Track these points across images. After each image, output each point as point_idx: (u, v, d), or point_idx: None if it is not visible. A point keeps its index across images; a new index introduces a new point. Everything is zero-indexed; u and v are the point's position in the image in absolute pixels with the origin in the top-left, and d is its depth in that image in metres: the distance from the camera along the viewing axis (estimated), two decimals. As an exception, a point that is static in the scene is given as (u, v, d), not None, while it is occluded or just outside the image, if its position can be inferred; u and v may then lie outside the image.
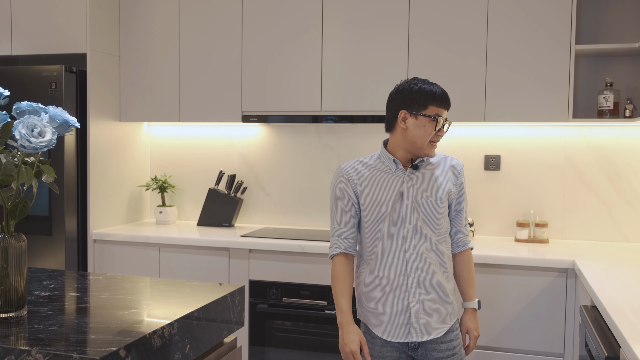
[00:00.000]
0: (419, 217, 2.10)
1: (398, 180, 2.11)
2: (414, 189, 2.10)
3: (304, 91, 3.38)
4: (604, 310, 1.98)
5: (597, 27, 3.24)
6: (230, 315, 2.04)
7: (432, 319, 2.09)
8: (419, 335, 2.08)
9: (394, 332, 2.09)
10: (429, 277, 2.09)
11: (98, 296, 1.90)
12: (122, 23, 3.67)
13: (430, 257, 2.10)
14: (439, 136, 2.09)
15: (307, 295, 3.16)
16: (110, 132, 3.62)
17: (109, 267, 3.47)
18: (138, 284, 2.09)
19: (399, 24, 3.22)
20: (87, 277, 2.17)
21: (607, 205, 3.29)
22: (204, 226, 3.74)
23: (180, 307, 1.79)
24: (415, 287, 2.07)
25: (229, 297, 2.03)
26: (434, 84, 2.08)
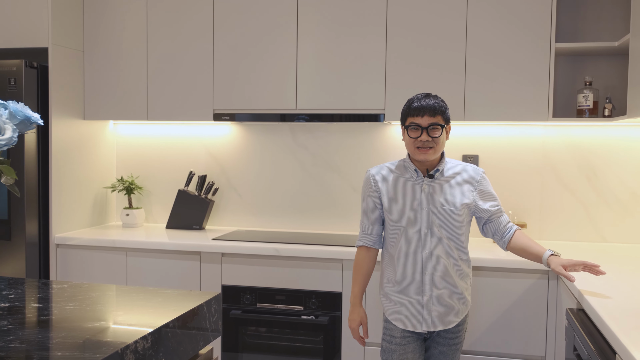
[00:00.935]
0: (435, 222, 2.31)
1: (417, 187, 2.33)
2: (431, 197, 2.31)
3: (278, 89, 3.27)
4: (595, 314, 1.92)
5: (575, 26, 3.21)
6: (206, 324, 1.93)
7: (444, 312, 2.32)
8: (432, 325, 2.33)
9: (405, 321, 2.35)
10: (442, 275, 2.31)
11: (63, 307, 1.75)
12: (87, 17, 3.50)
13: (444, 257, 2.31)
14: (421, 141, 2.26)
15: (283, 300, 3.05)
16: (73, 130, 3.45)
17: (73, 273, 3.30)
18: (106, 292, 1.95)
19: (376, 22, 3.14)
20: (50, 285, 2.02)
21: (585, 205, 3.27)
22: (173, 229, 3.60)
23: (154, 318, 1.66)
24: (429, 284, 2.31)
25: (205, 306, 1.91)
26: (424, 98, 2.27)
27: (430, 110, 2.24)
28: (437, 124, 2.24)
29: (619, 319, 1.82)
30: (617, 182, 3.22)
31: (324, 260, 3.00)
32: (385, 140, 3.49)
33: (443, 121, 2.26)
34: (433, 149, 2.26)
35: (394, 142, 3.47)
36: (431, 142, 2.25)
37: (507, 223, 2.40)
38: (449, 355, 2.39)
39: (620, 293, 2.19)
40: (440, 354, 2.39)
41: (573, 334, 2.13)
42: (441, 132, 2.25)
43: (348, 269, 2.97)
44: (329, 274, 2.99)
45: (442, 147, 2.29)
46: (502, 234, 2.39)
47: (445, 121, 2.28)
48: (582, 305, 2.15)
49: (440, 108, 2.25)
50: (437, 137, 2.25)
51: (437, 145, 2.26)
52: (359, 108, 3.18)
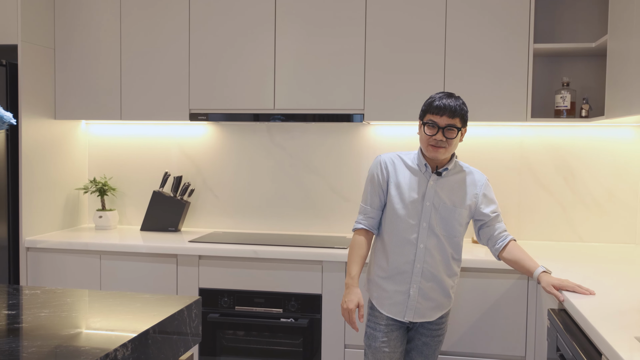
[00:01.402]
0: (435, 218, 2.35)
1: (424, 182, 2.37)
2: (435, 193, 2.35)
3: (255, 89, 3.22)
4: (580, 315, 1.92)
5: (551, 27, 3.23)
6: (187, 329, 1.87)
7: (428, 305, 2.38)
8: (414, 316, 2.38)
9: (390, 308, 2.39)
10: (432, 269, 2.36)
11: (37, 314, 1.68)
12: (58, 13, 3.40)
13: (437, 253, 2.36)
14: (435, 139, 2.29)
15: (262, 303, 3.00)
16: (44, 130, 3.34)
17: (44, 277, 3.20)
18: (82, 298, 1.89)
19: (355, 22, 3.11)
20: (22, 291, 1.94)
21: (563, 205, 3.29)
22: (148, 231, 3.52)
23: (133, 324, 1.61)
24: (418, 276, 2.36)
25: (185, 311, 1.85)
26: (446, 98, 2.29)
27: (450, 112, 2.27)
28: (454, 126, 2.28)
29: (602, 320, 1.82)
30: (594, 182, 3.25)
31: (304, 262, 2.96)
32: (365, 140, 3.46)
33: (461, 124, 2.30)
34: (445, 149, 2.30)
35: (373, 143, 3.45)
36: (444, 142, 2.29)
37: (503, 231, 2.41)
38: (432, 346, 2.46)
39: (599, 293, 2.19)
40: (424, 345, 2.45)
41: (556, 335, 2.13)
42: (456, 134, 2.29)
43: (328, 271, 2.93)
44: (309, 276, 2.95)
45: (454, 148, 2.33)
46: (496, 241, 2.41)
47: (462, 124, 2.31)
48: (564, 306, 2.15)
49: (460, 111, 2.28)
50: (452, 139, 2.29)
51: (449, 146, 2.30)
52: (337, 108, 3.15)
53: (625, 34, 2.54)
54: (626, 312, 1.93)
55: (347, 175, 3.48)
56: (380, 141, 3.43)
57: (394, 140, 3.42)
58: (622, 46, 2.57)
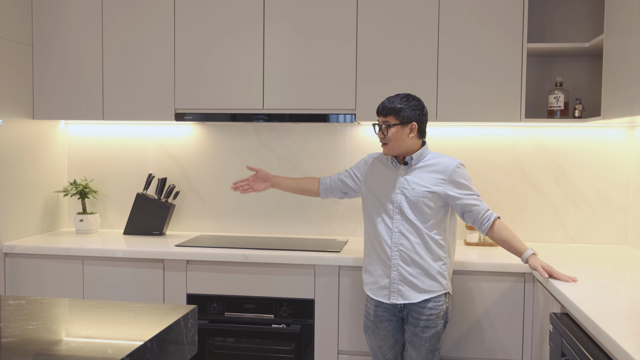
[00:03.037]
0: (405, 203, 2.50)
1: (394, 173, 2.56)
2: (405, 181, 2.52)
3: (243, 88, 3.13)
4: (589, 320, 1.87)
5: (543, 27, 3.21)
6: (183, 339, 1.79)
7: (410, 287, 2.49)
8: (398, 298, 2.50)
9: (378, 292, 2.55)
10: (410, 253, 2.49)
11: (24, 327, 1.58)
12: (36, 9, 3.26)
13: (412, 237, 2.49)
14: (380, 138, 2.52)
15: (252, 309, 2.91)
16: (21, 130, 3.21)
17: (24, 284, 3.07)
18: (72, 308, 1.78)
19: (347, 20, 3.04)
20: (4, 301, 1.83)
21: (554, 206, 3.27)
22: (132, 235, 3.40)
23: (129, 336, 1.52)
24: (396, 259, 2.50)
25: (182, 321, 1.77)
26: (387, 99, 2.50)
27: (383, 110, 2.49)
28: (385, 123, 2.48)
29: (612, 324, 1.78)
30: (585, 183, 3.24)
31: (295, 266, 2.88)
32: (353, 140, 3.40)
33: (396, 120, 2.46)
34: (387, 145, 2.50)
35: (364, 143, 3.38)
36: (385, 139, 2.49)
37: (486, 212, 2.51)
38: (421, 337, 2.49)
39: (603, 295, 2.17)
40: (413, 335, 2.50)
41: (561, 339, 2.09)
42: (388, 131, 2.47)
43: (320, 275, 2.86)
44: (300, 280, 2.87)
45: (398, 143, 2.48)
46: (482, 223, 2.52)
47: (400, 121, 2.46)
48: (567, 310, 2.11)
49: (393, 108, 2.46)
50: (387, 135, 2.48)
51: (391, 141, 2.48)
52: (328, 108, 3.08)
53: (622, 34, 2.51)
54: (632, 316, 1.90)
55: (336, 176, 3.41)
56: (371, 141, 3.37)
57: (385, 141, 3.36)
58: (619, 46, 2.54)
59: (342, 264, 2.84)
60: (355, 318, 2.84)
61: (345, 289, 2.84)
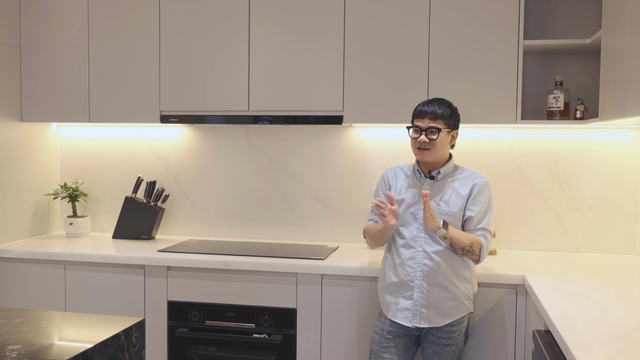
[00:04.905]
0: None
1: (419, 187, 2.46)
2: (430, 197, 2.39)
3: (229, 90, 3.03)
4: (561, 340, 1.72)
5: (544, 23, 3.03)
6: (125, 356, 1.69)
7: (434, 311, 2.35)
8: (420, 322, 2.37)
9: (397, 313, 2.40)
10: (435, 274, 2.35)
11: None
12: (24, 11, 3.23)
13: (438, 258, 2.36)
14: (419, 142, 2.39)
15: (233, 318, 2.81)
16: (9, 133, 3.18)
17: (9, 288, 3.04)
18: (11, 319, 1.71)
19: (334, 19, 2.92)
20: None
21: (557, 213, 3.08)
22: (121, 239, 3.34)
23: (53, 353, 1.43)
24: (419, 280, 2.37)
25: (122, 335, 1.68)
26: (430, 103, 2.40)
27: (431, 114, 2.38)
28: (435, 127, 2.36)
29: (586, 347, 1.62)
30: (590, 188, 3.04)
31: (277, 274, 2.77)
32: (346, 143, 3.27)
33: (444, 125, 2.37)
34: (430, 150, 2.39)
35: (354, 145, 3.25)
36: (428, 144, 2.38)
37: (476, 230, 2.40)
38: (443, 356, 2.40)
39: (594, 312, 2.00)
40: (434, 354, 2.41)
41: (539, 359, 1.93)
42: (438, 135, 2.36)
43: (303, 284, 2.74)
44: (282, 288, 2.76)
45: (441, 149, 2.39)
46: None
47: (447, 126, 2.38)
48: (550, 327, 1.95)
49: (443, 113, 2.37)
50: (434, 140, 2.36)
51: (434, 147, 2.38)
52: (316, 110, 2.96)
53: (620, 30, 2.33)
54: (615, 338, 1.73)
55: (328, 180, 3.29)
56: (364, 144, 3.24)
57: (379, 144, 3.23)
58: (616, 43, 2.36)
59: (326, 272, 2.72)
60: (339, 329, 2.71)
61: (329, 298, 2.72)
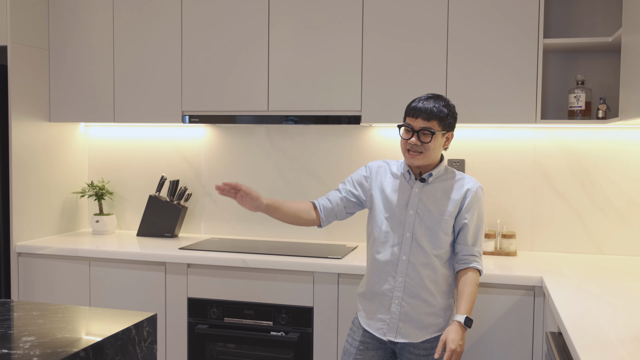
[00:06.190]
0: (419, 228, 2.17)
1: (408, 189, 2.21)
2: (420, 201, 2.18)
3: (249, 90, 3.07)
4: (570, 340, 1.70)
5: (567, 21, 2.98)
6: (136, 350, 1.74)
7: (412, 325, 2.16)
8: (395, 336, 2.17)
9: (370, 323, 2.22)
10: (417, 286, 2.15)
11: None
12: (52, 14, 3.33)
13: (422, 268, 2.15)
14: (411, 144, 2.13)
15: (251, 315, 2.85)
16: (38, 133, 3.28)
17: (35, 284, 3.13)
18: (29, 312, 1.77)
19: (352, 18, 2.93)
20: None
21: (580, 214, 3.03)
22: (144, 237, 3.41)
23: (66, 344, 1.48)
24: (400, 291, 2.17)
25: (133, 330, 1.72)
26: (426, 100, 2.14)
27: (425, 114, 2.11)
28: (428, 129, 2.10)
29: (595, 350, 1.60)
30: (614, 188, 2.98)
31: (294, 272, 2.79)
32: (365, 142, 3.27)
33: (439, 127, 2.12)
34: (422, 154, 2.14)
35: (373, 145, 3.26)
36: (420, 147, 2.13)
37: (470, 255, 2.17)
38: None
39: (609, 314, 1.97)
40: None
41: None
42: (431, 139, 2.11)
43: (319, 283, 2.76)
44: (299, 287, 2.79)
45: (433, 153, 2.15)
46: (458, 261, 2.20)
47: (442, 128, 2.13)
48: (561, 330, 1.93)
49: (438, 113, 2.11)
50: (427, 143, 2.11)
51: (426, 151, 2.13)
52: (335, 109, 2.97)
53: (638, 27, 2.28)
54: (626, 341, 1.70)
55: (348, 180, 3.30)
56: (382, 143, 3.24)
57: (396, 143, 3.21)
58: (637, 41, 2.31)
59: (342, 272, 2.74)
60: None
61: (345, 297, 2.73)
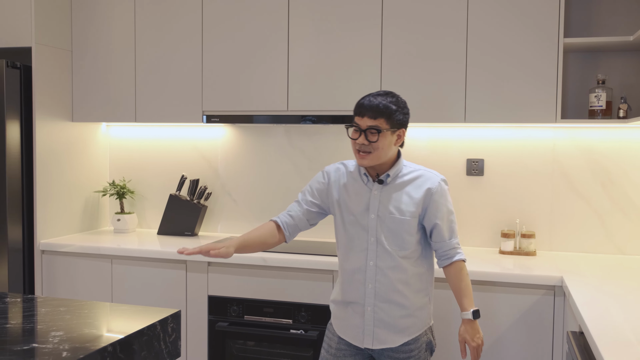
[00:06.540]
0: (382, 232, 2.09)
1: (367, 192, 2.12)
2: (380, 203, 2.10)
3: (269, 90, 3.10)
4: (592, 340, 1.71)
5: (588, 20, 2.97)
6: (161, 345, 1.76)
7: (388, 330, 2.11)
8: (373, 342, 2.12)
9: (346, 331, 2.17)
10: (388, 290, 2.09)
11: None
12: (75, 15, 3.38)
13: (391, 272, 2.09)
14: (358, 144, 2.05)
15: (271, 313, 2.87)
16: (61, 133, 3.33)
17: (58, 281, 3.18)
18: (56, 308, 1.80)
19: (371, 17, 2.94)
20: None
21: (599, 214, 3.02)
22: (165, 235, 3.45)
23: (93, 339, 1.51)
24: (371, 298, 2.10)
25: (158, 326, 1.74)
26: (373, 96, 2.05)
27: (371, 111, 2.01)
28: (375, 128, 2.01)
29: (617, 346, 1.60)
30: (635, 188, 2.97)
31: (313, 271, 2.81)
32: (385, 143, 3.28)
33: (387, 125, 2.02)
34: (371, 154, 2.04)
35: (393, 146, 3.26)
36: (368, 147, 2.03)
37: (451, 249, 2.12)
38: None
39: (631, 314, 1.96)
40: None
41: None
42: (378, 138, 2.01)
43: (339, 281, 2.78)
44: (319, 285, 2.80)
45: (384, 153, 2.05)
46: (440, 257, 2.15)
47: (391, 125, 2.02)
48: (583, 329, 1.93)
49: (385, 110, 2.01)
50: (375, 142, 2.02)
51: (375, 151, 2.03)
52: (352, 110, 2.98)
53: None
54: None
55: (367, 179, 3.31)
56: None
57: (417, 143, 3.23)
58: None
59: (361, 271, 2.75)
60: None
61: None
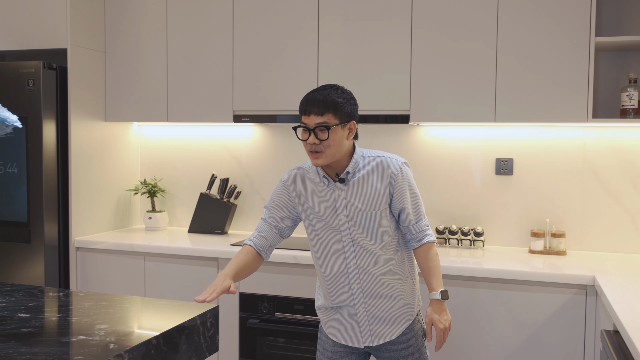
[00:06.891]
0: (355, 230, 2.03)
1: (331, 194, 2.04)
2: (347, 202, 2.02)
3: (298, 90, 3.13)
4: (628, 338, 1.71)
5: (619, 19, 2.96)
6: (200, 339, 1.81)
7: (384, 324, 2.08)
8: (372, 339, 2.09)
9: (341, 334, 2.12)
10: (374, 286, 2.05)
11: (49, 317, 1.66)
12: (108, 17, 3.45)
13: (373, 268, 2.04)
14: (309, 144, 1.95)
15: (301, 310, 2.91)
16: (95, 132, 3.40)
17: (92, 277, 3.25)
18: (98, 302, 1.86)
19: (401, 17, 2.96)
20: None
21: (631, 213, 3.00)
22: (195, 233, 3.51)
23: (135, 333, 1.55)
24: (360, 298, 2.07)
25: (198, 320, 1.79)
26: (315, 91, 1.96)
27: (317, 107, 1.91)
28: (323, 124, 1.90)
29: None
30: (667, 188, 2.95)
31: (344, 269, 2.84)
32: (413, 142, 3.30)
33: (336, 120, 1.92)
34: (324, 153, 1.93)
35: (421, 144, 3.28)
36: (320, 146, 1.92)
37: (420, 232, 2.07)
38: None
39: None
40: None
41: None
42: (328, 135, 1.91)
43: (369, 279, 2.80)
44: (349, 283, 2.83)
45: (337, 149, 1.95)
46: (410, 240, 2.10)
47: (340, 119, 1.93)
48: (618, 327, 1.93)
49: (332, 104, 1.91)
50: (326, 140, 1.91)
51: (327, 149, 1.93)
52: (383, 109, 3.01)
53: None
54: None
55: (395, 178, 3.33)
56: (430, 143, 3.26)
57: (446, 142, 3.24)
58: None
59: (391, 269, 2.77)
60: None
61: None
